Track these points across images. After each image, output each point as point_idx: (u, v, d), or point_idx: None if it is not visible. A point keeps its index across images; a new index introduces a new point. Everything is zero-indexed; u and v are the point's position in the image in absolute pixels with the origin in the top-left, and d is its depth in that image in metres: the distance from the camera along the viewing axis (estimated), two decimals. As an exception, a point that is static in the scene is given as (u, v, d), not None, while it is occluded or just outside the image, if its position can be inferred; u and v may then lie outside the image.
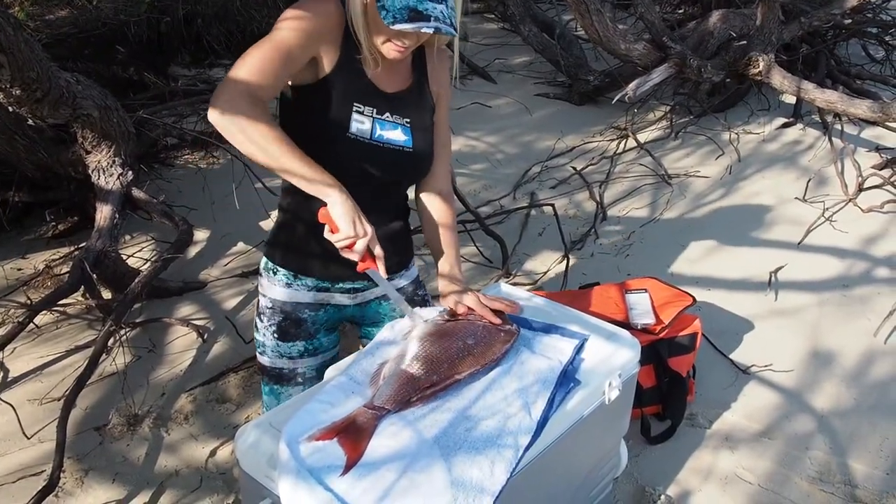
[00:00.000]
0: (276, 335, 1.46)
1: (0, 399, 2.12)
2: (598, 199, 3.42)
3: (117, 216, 2.54)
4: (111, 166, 2.61)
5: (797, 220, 3.20)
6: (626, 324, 2.03)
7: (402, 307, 1.34)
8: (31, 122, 2.62)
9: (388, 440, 1.06)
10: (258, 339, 1.50)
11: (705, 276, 2.83)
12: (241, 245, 3.03)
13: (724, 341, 2.42)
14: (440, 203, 1.47)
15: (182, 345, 2.46)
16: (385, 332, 1.32)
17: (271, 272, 1.45)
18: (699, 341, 2.10)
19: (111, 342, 2.33)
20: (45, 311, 2.45)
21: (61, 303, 2.43)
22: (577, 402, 1.21)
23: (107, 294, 2.59)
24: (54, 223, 3.07)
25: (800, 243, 3.03)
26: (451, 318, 1.33)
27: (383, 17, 1.16)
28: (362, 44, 1.25)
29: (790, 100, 4.32)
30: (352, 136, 1.28)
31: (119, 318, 2.25)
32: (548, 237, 3.14)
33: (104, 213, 2.53)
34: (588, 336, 1.35)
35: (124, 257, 2.70)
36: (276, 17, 1.23)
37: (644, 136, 4.07)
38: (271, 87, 1.20)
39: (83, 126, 2.53)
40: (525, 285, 2.78)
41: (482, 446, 1.05)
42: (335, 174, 1.21)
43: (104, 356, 2.25)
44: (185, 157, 3.65)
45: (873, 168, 3.56)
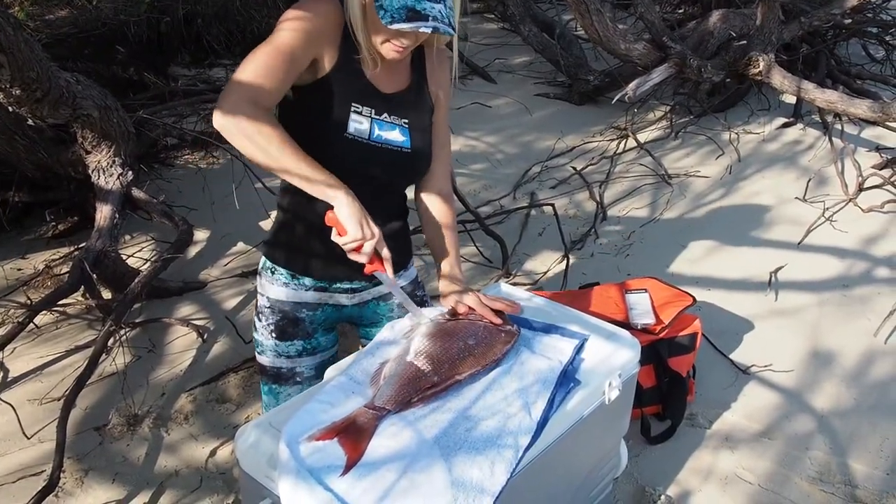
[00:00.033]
0: (274, 334, 1.46)
1: (0, 399, 2.12)
2: (598, 199, 3.42)
3: (117, 216, 2.54)
4: (111, 166, 2.61)
5: (797, 220, 3.20)
6: (626, 324, 2.03)
7: (410, 308, 1.34)
8: (31, 122, 2.62)
9: (389, 440, 1.06)
10: (257, 338, 1.50)
11: (705, 276, 2.82)
12: (241, 245, 3.03)
13: (724, 341, 2.42)
14: (440, 203, 1.47)
15: (182, 345, 2.46)
16: (385, 332, 1.32)
17: (269, 271, 1.45)
18: (699, 341, 2.10)
19: (111, 342, 2.33)
20: (45, 311, 2.45)
21: (61, 303, 2.43)
22: (577, 402, 1.21)
23: (107, 294, 2.59)
24: (54, 223, 3.07)
25: (800, 243, 3.03)
26: (451, 318, 1.33)
27: (381, 17, 1.16)
28: (361, 44, 1.25)
29: (790, 100, 4.32)
30: (349, 137, 1.28)
31: (119, 318, 2.25)
32: (548, 237, 3.14)
33: (104, 213, 2.53)
34: (588, 336, 1.35)
35: (124, 257, 2.70)
36: (275, 17, 1.23)
37: (644, 136, 4.07)
38: (276, 91, 1.20)
39: (83, 126, 2.53)
40: (525, 285, 2.78)
41: (482, 446, 1.05)
42: (334, 174, 1.22)
43: (104, 356, 2.25)
44: (185, 157, 3.65)
45: (873, 168, 3.56)
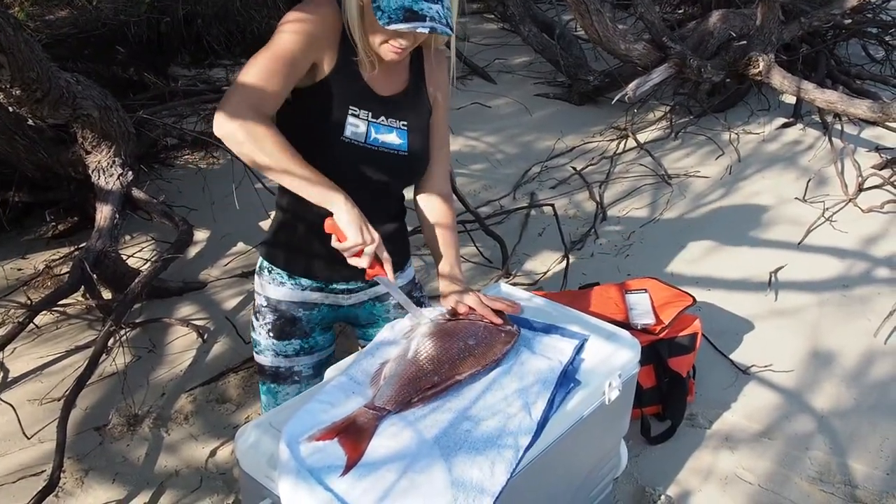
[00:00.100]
0: (271, 334, 1.47)
1: (0, 399, 2.12)
2: (598, 199, 3.42)
3: (117, 216, 2.54)
4: (111, 166, 2.61)
5: (797, 220, 3.20)
6: (626, 324, 2.03)
7: (410, 310, 1.34)
8: (31, 122, 2.62)
9: (389, 440, 1.06)
10: (255, 337, 1.50)
11: (705, 276, 2.82)
12: (241, 245, 3.03)
13: (724, 341, 2.42)
14: (440, 204, 1.47)
15: (182, 345, 2.46)
16: (385, 333, 1.32)
17: (266, 271, 1.45)
18: (699, 341, 2.10)
19: (111, 342, 2.33)
20: (45, 312, 2.44)
21: (61, 303, 2.43)
22: (578, 402, 1.21)
23: (107, 294, 2.59)
24: (54, 223, 3.07)
25: (800, 243, 3.03)
26: (452, 318, 1.33)
27: (379, 18, 1.16)
28: (358, 46, 1.25)
29: (790, 100, 4.32)
30: (346, 140, 1.28)
31: (119, 318, 2.25)
32: (548, 237, 3.14)
33: (104, 213, 2.53)
34: (588, 336, 1.35)
35: (124, 257, 2.70)
36: (276, 17, 1.23)
37: (644, 136, 4.07)
38: (276, 95, 1.20)
39: (83, 126, 2.53)
40: (525, 285, 2.78)
41: (482, 447, 1.05)
42: (331, 177, 1.21)
43: (104, 356, 2.25)
44: (185, 157, 3.65)
45: (873, 168, 3.56)
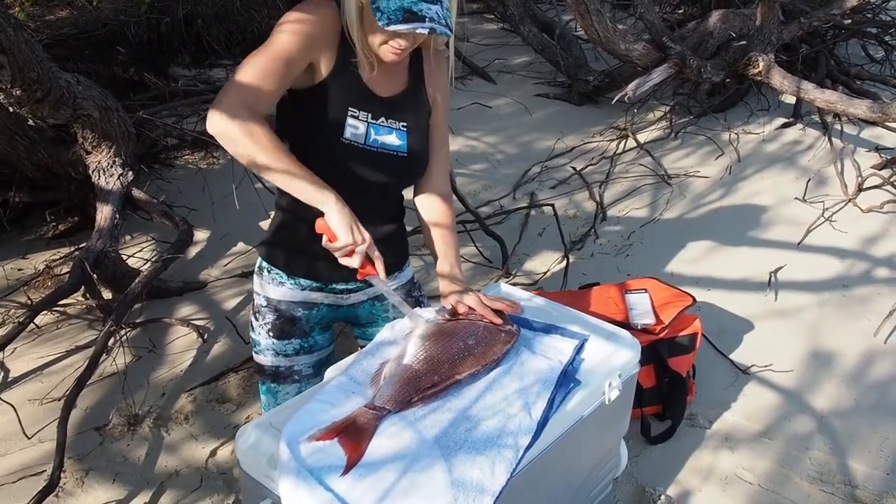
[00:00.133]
0: (271, 333, 1.47)
1: (0, 399, 2.12)
2: (598, 199, 3.42)
3: (117, 216, 2.54)
4: (111, 166, 2.61)
5: (797, 220, 3.20)
6: (626, 324, 2.03)
7: (404, 310, 1.34)
8: (31, 122, 2.62)
9: (389, 440, 1.06)
10: (254, 337, 1.50)
11: (705, 276, 2.82)
12: (241, 245, 3.03)
13: (724, 341, 2.42)
14: (439, 204, 1.47)
15: (182, 345, 2.46)
16: (385, 333, 1.32)
17: (266, 271, 1.45)
18: (699, 341, 2.10)
19: (111, 342, 2.33)
20: (45, 312, 2.44)
21: (61, 303, 2.43)
22: (578, 402, 1.21)
23: (107, 294, 2.59)
24: (54, 223, 3.07)
25: (800, 243, 3.03)
26: (451, 318, 1.33)
27: (378, 19, 1.16)
28: (357, 47, 1.25)
29: (790, 100, 4.32)
30: (346, 141, 1.28)
31: (119, 318, 2.25)
32: (548, 237, 3.14)
33: (104, 213, 2.53)
34: (588, 336, 1.35)
35: (124, 257, 2.70)
36: (275, 17, 1.23)
37: (644, 136, 4.07)
38: (271, 95, 1.20)
39: (83, 126, 2.53)
40: (525, 285, 2.78)
41: (482, 447, 1.06)
42: (330, 179, 1.21)
43: (104, 356, 2.25)
44: (185, 157, 3.65)
45: (873, 168, 3.56)
